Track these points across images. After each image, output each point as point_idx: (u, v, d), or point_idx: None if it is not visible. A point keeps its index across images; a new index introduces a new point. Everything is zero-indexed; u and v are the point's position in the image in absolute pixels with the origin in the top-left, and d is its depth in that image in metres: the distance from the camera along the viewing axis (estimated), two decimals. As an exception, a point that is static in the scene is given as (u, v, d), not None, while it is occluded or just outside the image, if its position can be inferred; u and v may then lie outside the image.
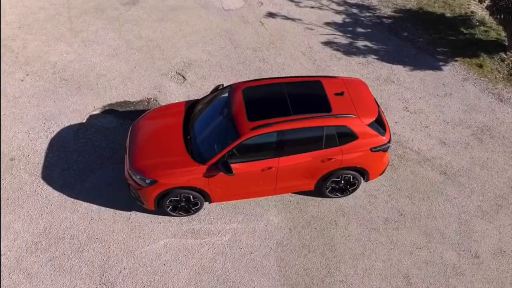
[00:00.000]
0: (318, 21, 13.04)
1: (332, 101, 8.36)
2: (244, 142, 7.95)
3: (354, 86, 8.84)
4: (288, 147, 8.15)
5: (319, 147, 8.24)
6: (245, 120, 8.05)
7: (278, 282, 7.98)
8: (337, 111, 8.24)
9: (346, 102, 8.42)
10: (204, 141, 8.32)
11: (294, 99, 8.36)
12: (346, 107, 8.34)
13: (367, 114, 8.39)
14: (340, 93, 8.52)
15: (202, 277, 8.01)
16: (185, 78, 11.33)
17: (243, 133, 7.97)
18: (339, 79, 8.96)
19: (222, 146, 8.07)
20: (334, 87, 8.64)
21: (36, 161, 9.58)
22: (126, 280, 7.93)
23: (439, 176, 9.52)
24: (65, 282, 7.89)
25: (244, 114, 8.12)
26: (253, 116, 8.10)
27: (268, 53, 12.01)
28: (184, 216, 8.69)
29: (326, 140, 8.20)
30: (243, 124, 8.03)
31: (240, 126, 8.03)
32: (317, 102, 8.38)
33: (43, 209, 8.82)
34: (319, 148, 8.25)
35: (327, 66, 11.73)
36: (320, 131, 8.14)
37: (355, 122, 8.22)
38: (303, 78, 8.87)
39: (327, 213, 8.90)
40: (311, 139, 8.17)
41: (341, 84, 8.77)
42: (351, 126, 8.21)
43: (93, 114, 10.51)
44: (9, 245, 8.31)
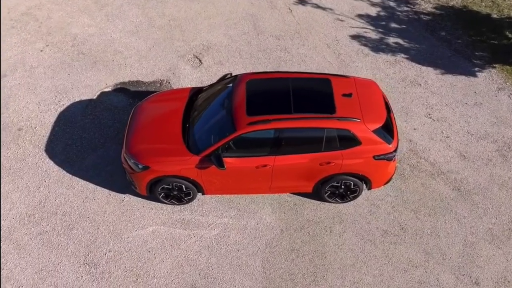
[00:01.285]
0: (351, 12, 12.70)
1: (337, 102, 8.18)
2: (240, 137, 7.92)
3: (365, 87, 8.60)
4: (286, 146, 8.07)
5: (318, 149, 8.11)
6: (244, 114, 8.02)
7: (260, 284, 8.00)
8: (342, 113, 8.05)
9: (353, 105, 8.22)
10: (201, 131, 8.37)
11: (298, 96, 8.23)
12: (352, 109, 8.14)
13: (373, 119, 8.16)
14: (348, 94, 8.31)
15: (185, 269, 8.14)
16: (202, 62, 11.36)
17: (240, 127, 7.95)
18: (351, 79, 8.74)
19: (218, 138, 8.08)
20: (343, 87, 8.44)
21: (42, 133, 9.94)
22: (110, 263, 8.17)
23: (451, 192, 9.18)
24: (51, 257, 8.22)
25: (244, 107, 8.09)
26: (252, 111, 8.05)
27: (291, 43, 11.85)
28: (177, 204, 8.82)
29: (326, 142, 8.06)
30: (241, 118, 8.00)
31: (237, 120, 8.01)
32: (322, 101, 8.22)
33: (41, 182, 9.17)
34: (318, 151, 8.12)
35: (351, 62, 11.45)
36: (321, 133, 8.00)
37: (359, 126, 8.02)
38: (312, 75, 8.70)
39: (324, 218, 8.80)
40: (310, 140, 8.05)
41: (351, 85, 8.55)
42: (354, 131, 8.02)
43: (105, 91, 10.76)
44: (4, 214, 8.72)
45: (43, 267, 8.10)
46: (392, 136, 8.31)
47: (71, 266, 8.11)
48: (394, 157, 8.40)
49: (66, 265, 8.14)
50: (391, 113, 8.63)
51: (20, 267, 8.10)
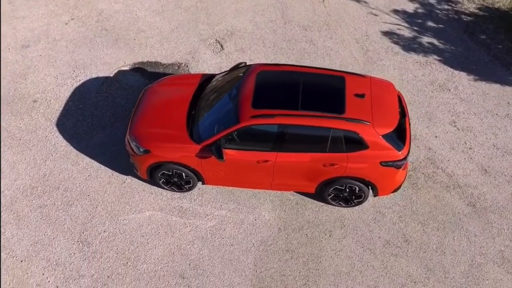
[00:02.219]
0: (386, 7, 12.34)
1: (348, 102, 7.99)
2: (242, 129, 7.88)
3: (380, 89, 8.35)
4: (289, 143, 7.97)
5: (323, 149, 7.97)
6: (249, 106, 7.96)
7: (249, 281, 7.99)
8: (351, 114, 7.86)
9: (364, 106, 8.01)
10: (205, 120, 8.37)
11: (308, 92, 8.09)
12: (362, 111, 7.94)
13: (384, 123, 7.92)
14: (360, 95, 8.10)
15: (175, 257, 8.23)
16: (223, 47, 11.34)
17: (243, 119, 7.90)
18: (367, 79, 8.51)
19: (220, 129, 8.07)
20: (357, 87, 8.23)
21: (56, 107, 10.21)
22: (103, 243, 8.35)
23: (466, 208, 8.85)
24: (47, 231, 8.48)
25: (250, 99, 8.03)
26: (258, 104, 7.98)
27: (318, 35, 11.64)
28: (177, 192, 8.90)
29: (332, 143, 7.90)
30: (246, 110, 7.95)
31: (241, 112, 7.96)
32: (332, 100, 8.05)
33: (48, 156, 9.44)
34: (322, 151, 7.98)
35: (378, 60, 11.15)
36: (326, 133, 7.85)
37: (368, 130, 7.81)
38: (327, 71, 8.52)
39: (325, 221, 8.67)
40: (315, 139, 7.91)
41: (366, 85, 8.32)
42: (362, 134, 7.82)
43: (122, 69, 10.91)
44: (9, 184, 9.04)
45: (38, 240, 8.36)
46: (403, 143, 8.06)
47: (65, 242, 8.34)
48: (404, 165, 8.13)
49: (61, 240, 8.37)
50: (406, 118, 8.35)
51: (17, 237, 8.40)
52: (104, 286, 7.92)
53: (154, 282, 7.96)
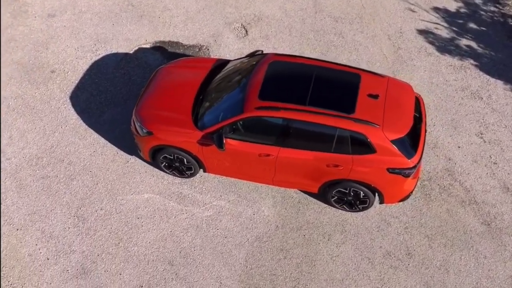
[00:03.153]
0: (426, 4, 11.89)
1: (360, 102, 7.76)
2: (246, 120, 7.81)
3: (397, 91, 8.07)
4: (292, 139, 7.84)
5: (327, 149, 7.80)
6: (256, 97, 7.87)
7: (238, 276, 7.97)
8: (361, 115, 7.64)
9: (377, 108, 7.76)
10: (211, 107, 8.35)
11: (319, 88, 7.92)
12: (373, 113, 7.70)
13: (395, 127, 7.66)
14: (374, 96, 7.86)
15: (167, 243, 8.29)
16: (248, 33, 11.24)
17: (247, 109, 7.82)
18: (384, 79, 8.23)
19: (224, 117, 8.03)
20: (372, 87, 7.98)
21: (72, 79, 10.42)
22: (98, 221, 8.51)
23: (480, 226, 8.49)
24: (46, 203, 8.71)
25: (258, 90, 7.93)
26: (265, 95, 7.88)
27: (349, 27, 11.36)
28: (178, 177, 8.94)
29: (338, 143, 7.72)
30: (252, 100, 7.87)
31: (247, 102, 7.88)
32: (343, 98, 7.84)
33: (58, 128, 9.67)
34: (327, 150, 7.81)
35: (409, 59, 10.78)
36: (332, 132, 7.67)
37: (377, 133, 7.58)
38: (343, 67, 8.29)
39: (325, 223, 8.52)
40: (320, 137, 7.75)
41: (382, 85, 8.06)
42: (369, 137, 7.59)
43: (142, 47, 11.01)
44: (17, 152, 9.32)
45: (36, 211, 8.60)
46: (415, 151, 7.78)
47: (62, 216, 8.55)
48: (413, 174, 7.85)
49: (58, 213, 8.58)
50: (422, 124, 8.04)
51: (16, 205, 8.67)
52: (93, 264, 8.08)
53: (142, 266, 8.05)
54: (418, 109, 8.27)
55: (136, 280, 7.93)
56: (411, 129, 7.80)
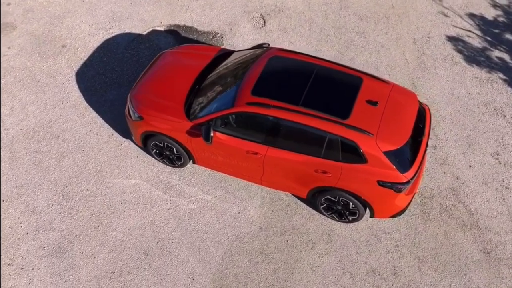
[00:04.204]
0: (462, 9, 11.43)
1: (356, 108, 7.55)
2: (236, 114, 7.76)
3: (399, 100, 7.80)
4: (281, 139, 7.73)
5: (317, 153, 7.64)
6: (248, 92, 7.80)
7: (211, 275, 7.96)
8: (355, 121, 7.44)
9: (374, 115, 7.53)
10: (204, 98, 8.32)
11: (315, 88, 7.76)
12: (369, 120, 7.47)
13: (390, 138, 7.41)
14: (373, 102, 7.63)
15: (146, 232, 8.37)
16: (266, 24, 11.14)
17: (238, 104, 7.76)
18: (388, 86, 7.97)
19: (215, 110, 8.00)
20: (373, 93, 7.75)
21: (81, 56, 10.63)
22: (82, 201, 8.68)
23: (477, 254, 8.13)
24: (34, 177, 8.95)
25: (252, 85, 7.85)
26: (258, 91, 7.79)
27: (373, 27, 11.07)
28: (168, 165, 8.99)
29: (327, 149, 7.55)
30: (244, 95, 7.80)
31: (239, 96, 7.82)
32: (339, 102, 7.65)
33: (59, 103, 9.90)
34: (316, 155, 7.65)
35: (432, 67, 10.41)
36: (323, 136, 7.50)
37: (369, 142, 7.36)
38: (346, 69, 8.08)
39: (312, 231, 8.37)
40: (310, 140, 7.60)
41: (384, 92, 7.81)
42: (361, 145, 7.38)
43: (156, 29, 11.09)
44: (15, 123, 9.61)
45: (24, 184, 8.86)
46: (410, 165, 7.50)
47: (47, 192, 8.76)
48: (407, 189, 7.59)
49: (44, 189, 8.80)
50: (423, 138, 7.74)
51: (6, 176, 8.95)
52: (70, 244, 8.25)
53: (117, 252, 8.16)
54: (423, 120, 7.96)
55: (109, 266, 8.04)
56: (408, 142, 7.51)
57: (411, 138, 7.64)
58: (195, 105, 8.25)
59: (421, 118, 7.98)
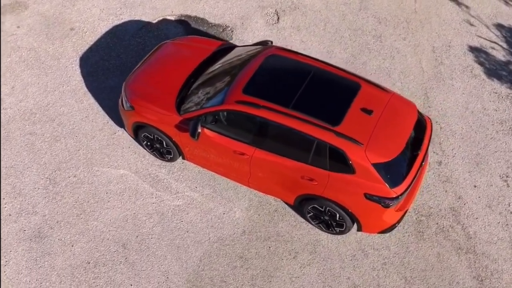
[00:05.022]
0: (490, 18, 11.05)
1: (349, 115, 7.38)
2: (225, 112, 7.71)
3: (397, 110, 7.58)
4: (269, 141, 7.63)
5: (304, 159, 7.51)
6: (239, 90, 7.74)
7: (186, 275, 7.94)
8: (345, 129, 7.27)
9: (366, 125, 7.34)
10: (197, 92, 8.30)
11: (309, 91, 7.63)
12: (361, 129, 7.29)
13: (381, 150, 7.21)
14: (368, 111, 7.44)
15: (127, 225, 8.41)
16: (279, 21, 11.04)
17: (227, 102, 7.71)
18: (388, 94, 7.76)
19: (205, 106, 7.96)
20: (369, 100, 7.56)
21: (88, 40, 10.77)
22: (67, 187, 8.80)
23: (470, 280, 7.85)
24: (24, 159, 9.12)
25: (244, 83, 7.78)
26: (250, 89, 7.72)
27: (391, 31, 10.82)
28: (158, 158, 9.01)
29: (315, 155, 7.41)
30: (234, 93, 7.74)
31: (229, 94, 7.77)
32: (331, 107, 7.50)
33: (59, 87, 10.07)
34: (303, 161, 7.53)
35: (448, 78, 10.10)
36: (311, 142, 7.36)
37: (358, 152, 7.18)
38: (344, 74, 7.90)
39: (296, 240, 8.25)
40: (297, 145, 7.48)
41: (382, 101, 7.61)
42: (349, 155, 7.21)
43: (167, 18, 11.14)
44: (14, 103, 9.81)
45: (14, 165, 9.03)
46: (401, 180, 7.28)
47: (35, 175, 8.91)
48: (396, 205, 7.37)
49: (33, 172, 8.96)
50: (420, 152, 7.50)
51: (-3, 156, 9.14)
52: (50, 229, 8.37)
53: (95, 242, 8.23)
54: (422, 133, 7.71)
55: (86, 255, 8.12)
56: (402, 155, 7.29)
57: (406, 151, 7.41)
58: (186, 99, 8.23)
59: (421, 131, 7.72)
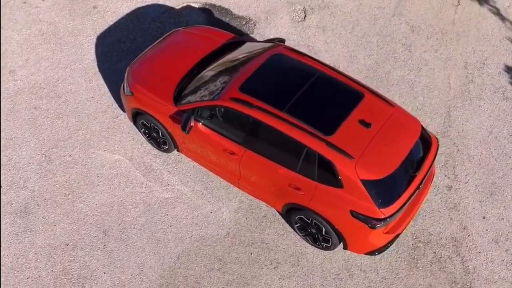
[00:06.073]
0: (535, 38, 10.52)
1: (345, 126, 7.22)
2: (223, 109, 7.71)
3: (398, 126, 7.36)
4: (259, 143, 7.57)
5: (292, 166, 7.40)
6: (236, 87, 7.71)
7: (161, 271, 7.99)
8: (338, 140, 7.11)
9: (362, 138, 7.16)
10: (196, 84, 8.33)
11: (307, 96, 7.52)
12: (355, 142, 7.12)
13: (372, 166, 7.01)
14: (366, 123, 7.24)
15: (112, 212, 8.54)
16: (305, 19, 10.91)
17: (222, 97, 7.70)
18: (391, 109, 7.54)
19: (201, 99, 7.98)
20: (370, 113, 7.37)
21: (108, 20, 10.98)
22: (61, 166, 9.02)
23: (459, 318, 7.53)
24: (25, 133, 9.41)
25: (242, 81, 7.75)
26: (247, 88, 7.69)
27: (423, 41, 10.49)
28: (155, 148, 9.10)
29: (304, 163, 7.29)
30: (231, 90, 7.72)
31: (226, 90, 7.76)
32: (328, 115, 7.36)
33: (71, 63, 10.32)
34: (292, 168, 7.42)
35: (476, 97, 9.71)
36: (300, 149, 7.24)
37: (347, 166, 7.01)
38: (350, 81, 7.72)
39: (280, 250, 8.15)
40: (287, 151, 7.37)
41: (383, 114, 7.40)
42: (339, 168, 7.05)
43: (191, 5, 11.21)
44: (25, 76, 10.12)
45: (14, 138, 9.34)
46: (392, 201, 7.05)
47: (32, 150, 9.18)
48: (384, 227, 7.16)
49: (30, 146, 9.23)
50: (417, 174, 7.24)
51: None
52: (37, 206, 8.61)
53: (77, 225, 8.40)
54: (425, 153, 7.43)
55: (66, 237, 8.30)
56: (396, 174, 7.05)
57: (403, 170, 7.17)
58: (185, 90, 8.26)
59: (424, 151, 7.44)
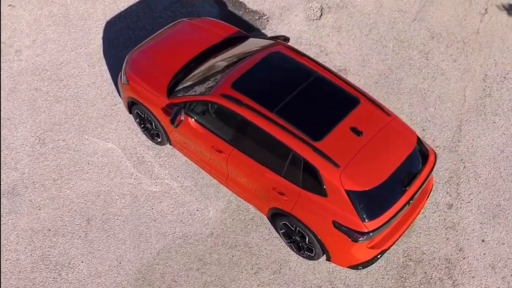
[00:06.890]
0: None
1: (335, 132, 7.10)
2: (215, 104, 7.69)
3: (392, 137, 7.19)
4: (247, 143, 7.52)
5: (278, 170, 7.33)
6: (229, 84, 7.69)
7: (139, 265, 8.02)
8: (325, 146, 7.00)
9: (351, 146, 7.03)
10: (191, 78, 8.33)
11: (300, 98, 7.43)
12: (343, 150, 7.00)
13: (358, 177, 6.88)
14: (358, 131, 7.11)
15: (97, 201, 8.63)
16: (321, 17, 10.80)
17: (213, 93, 7.69)
18: (387, 118, 7.37)
19: (193, 93, 7.98)
20: (364, 121, 7.22)
21: (120, 6, 11.10)
22: (54, 150, 9.16)
23: None
24: (23, 115, 9.59)
25: (236, 77, 7.71)
26: (239, 85, 7.65)
27: (442, 50, 10.25)
28: (149, 139, 9.15)
29: (289, 168, 7.20)
30: (222, 86, 7.70)
31: (218, 86, 7.74)
32: (318, 120, 7.25)
33: (78, 48, 10.47)
34: (277, 171, 7.35)
35: (491, 113, 9.44)
36: (286, 153, 7.16)
37: (332, 174, 6.89)
38: (347, 86, 7.59)
39: (263, 255, 8.09)
40: (273, 153, 7.30)
41: (378, 123, 7.24)
42: (323, 175, 6.94)
43: (205, -4, 11.22)
44: (30, 56, 10.31)
45: (11, 117, 9.53)
46: (377, 215, 6.91)
47: (27, 132, 9.35)
48: (367, 241, 7.02)
49: (26, 128, 9.41)
50: (408, 189, 7.06)
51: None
52: (25, 188, 8.76)
53: (62, 211, 8.52)
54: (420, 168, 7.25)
55: (48, 222, 8.42)
56: (384, 187, 6.90)
57: (392, 184, 7.01)
58: (179, 83, 8.26)
59: (420, 165, 7.26)
